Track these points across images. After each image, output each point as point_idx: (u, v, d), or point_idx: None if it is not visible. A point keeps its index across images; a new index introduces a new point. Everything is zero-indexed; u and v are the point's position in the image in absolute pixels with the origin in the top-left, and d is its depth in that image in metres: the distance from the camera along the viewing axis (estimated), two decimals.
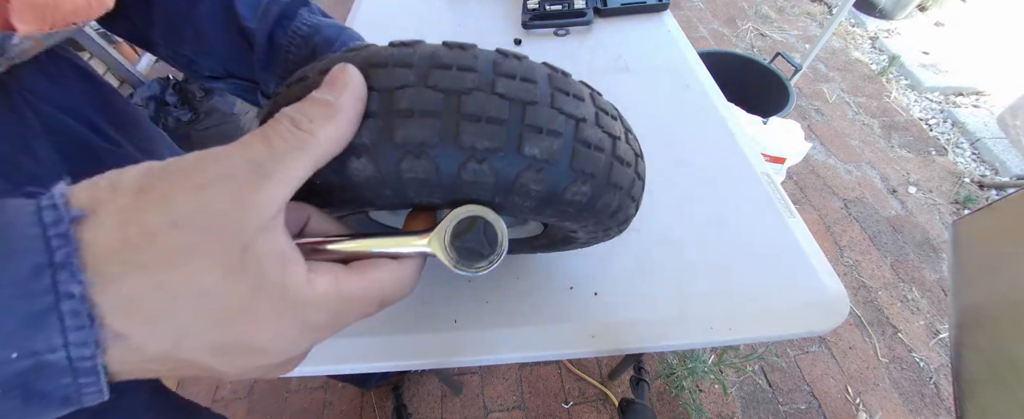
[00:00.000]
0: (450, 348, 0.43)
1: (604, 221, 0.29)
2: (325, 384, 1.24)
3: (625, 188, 0.27)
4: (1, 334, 0.13)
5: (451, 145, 0.21)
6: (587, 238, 0.35)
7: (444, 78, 0.21)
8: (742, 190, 0.54)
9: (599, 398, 1.18)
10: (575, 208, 0.25)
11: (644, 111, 0.65)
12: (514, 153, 0.22)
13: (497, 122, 0.21)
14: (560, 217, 0.26)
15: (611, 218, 0.29)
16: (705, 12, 2.52)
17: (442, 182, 0.22)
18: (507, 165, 0.22)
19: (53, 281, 0.14)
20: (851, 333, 1.28)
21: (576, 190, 0.24)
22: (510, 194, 0.23)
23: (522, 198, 0.24)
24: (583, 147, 0.24)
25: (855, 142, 1.79)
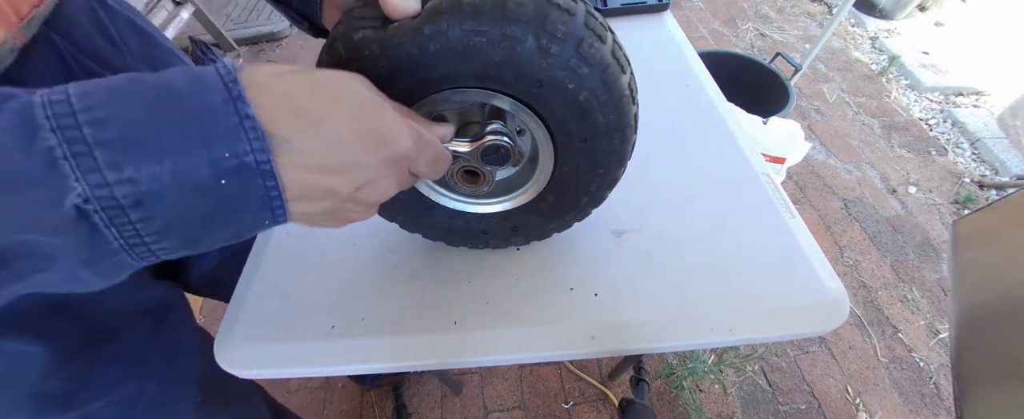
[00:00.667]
0: (450, 349, 0.43)
1: (614, 127, 0.34)
2: (325, 384, 1.24)
3: (636, 102, 0.35)
4: (216, 140, 0.20)
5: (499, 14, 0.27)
6: (589, 175, 0.38)
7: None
8: (742, 190, 0.54)
9: (599, 398, 1.18)
10: (606, 90, 0.31)
11: (644, 111, 0.65)
12: (582, 23, 0.29)
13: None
14: (589, 98, 0.31)
15: (621, 126, 0.34)
16: (705, 12, 2.52)
17: (532, 27, 0.28)
18: (577, 28, 0.29)
19: (235, 108, 0.20)
20: (851, 333, 1.28)
21: (613, 71, 0.31)
22: (570, 62, 0.29)
23: (575, 72, 0.30)
24: (616, 46, 0.32)
25: (855, 142, 1.79)
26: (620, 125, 0.34)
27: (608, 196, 0.43)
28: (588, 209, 0.44)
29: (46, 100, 0.18)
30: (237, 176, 0.21)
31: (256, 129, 0.21)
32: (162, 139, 0.19)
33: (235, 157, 0.20)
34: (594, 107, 0.32)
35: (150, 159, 0.19)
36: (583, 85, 0.30)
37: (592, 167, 0.37)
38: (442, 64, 0.29)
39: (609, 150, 0.36)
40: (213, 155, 0.20)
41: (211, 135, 0.20)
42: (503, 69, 0.29)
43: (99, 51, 0.41)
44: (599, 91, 0.31)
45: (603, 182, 0.40)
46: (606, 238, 0.50)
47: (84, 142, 0.18)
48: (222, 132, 0.20)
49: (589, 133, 0.34)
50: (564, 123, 0.33)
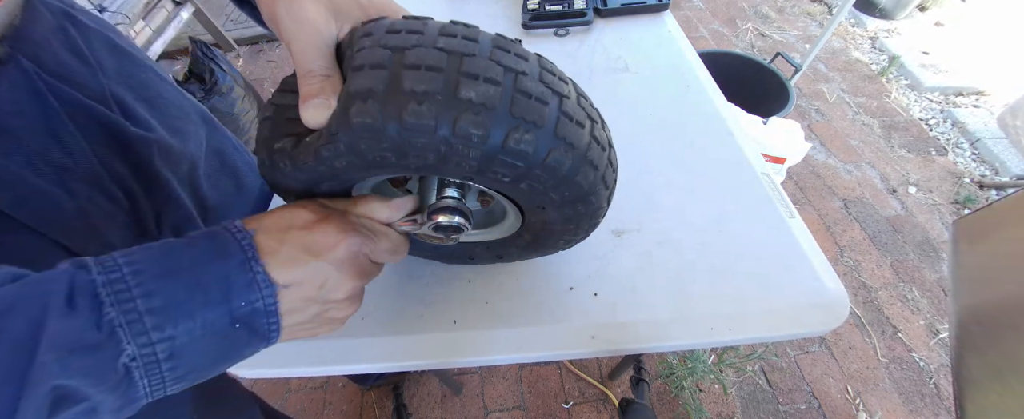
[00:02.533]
0: (450, 348, 0.43)
1: (575, 198, 0.31)
2: (325, 384, 1.24)
3: (598, 167, 0.30)
4: (236, 292, 0.25)
5: (450, 97, 0.23)
6: (563, 227, 0.36)
7: (448, 43, 0.25)
8: (742, 190, 0.54)
9: (599, 398, 1.18)
10: (550, 175, 0.28)
11: (644, 111, 0.65)
12: (506, 112, 0.24)
13: (494, 83, 0.24)
14: (533, 184, 0.28)
15: (583, 196, 0.31)
16: (705, 12, 2.52)
17: (437, 136, 0.24)
18: (498, 123, 0.24)
19: (250, 266, 0.26)
20: (851, 333, 1.28)
21: (556, 155, 0.26)
22: (496, 158, 0.25)
23: (506, 164, 0.26)
24: (564, 117, 0.26)
25: (855, 142, 1.79)
26: (585, 193, 0.30)
27: (591, 233, 0.40)
28: (571, 245, 0.42)
29: (104, 279, 0.23)
30: (249, 319, 0.26)
31: (267, 281, 0.26)
32: (194, 300, 0.24)
33: (249, 305, 0.26)
34: (547, 188, 0.29)
35: (186, 318, 0.24)
36: (524, 174, 0.27)
37: (564, 222, 0.35)
38: (356, 171, 0.28)
39: (580, 212, 0.33)
40: (232, 306, 0.25)
41: (231, 291, 0.25)
42: (425, 169, 0.27)
43: (71, 72, 0.40)
44: (546, 176, 0.27)
45: (579, 231, 0.37)
46: (606, 238, 0.50)
47: (136, 311, 0.23)
48: (239, 288, 0.25)
49: (551, 203, 0.31)
50: (520, 198, 0.32)
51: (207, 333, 0.25)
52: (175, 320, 0.23)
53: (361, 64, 0.24)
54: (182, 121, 0.51)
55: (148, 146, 0.44)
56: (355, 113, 0.23)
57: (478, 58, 0.24)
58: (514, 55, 0.26)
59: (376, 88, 0.23)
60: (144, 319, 0.23)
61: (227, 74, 1.65)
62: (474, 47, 0.25)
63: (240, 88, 1.70)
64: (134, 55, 0.49)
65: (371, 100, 0.23)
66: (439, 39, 0.25)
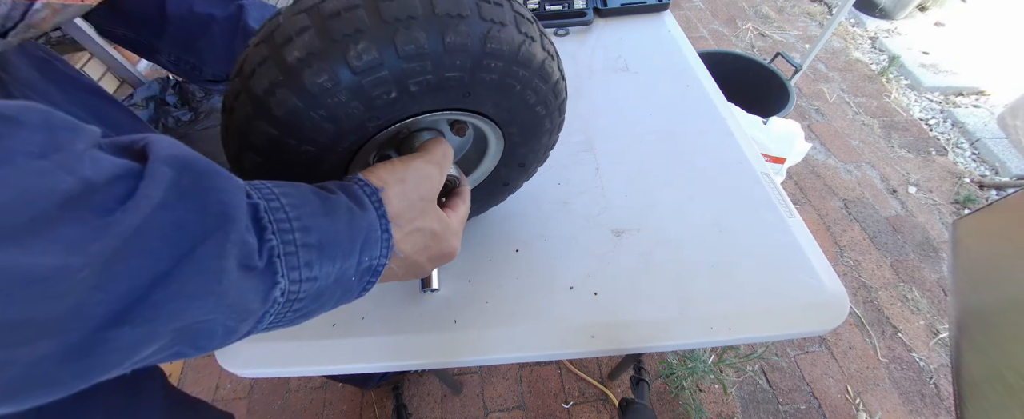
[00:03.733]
0: (450, 348, 0.43)
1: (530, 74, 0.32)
2: (325, 384, 1.24)
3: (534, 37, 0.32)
4: (366, 249, 0.25)
5: (379, 24, 0.25)
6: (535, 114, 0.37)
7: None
8: (742, 190, 0.54)
9: (599, 398, 1.18)
10: (497, 58, 0.30)
11: (644, 111, 0.65)
12: (430, 15, 0.26)
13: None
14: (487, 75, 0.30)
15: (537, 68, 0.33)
16: (705, 12, 2.52)
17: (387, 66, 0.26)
18: (430, 27, 0.26)
19: (381, 225, 0.26)
20: (851, 333, 1.28)
21: (493, 35, 0.28)
22: (444, 62, 0.28)
23: (455, 65, 0.28)
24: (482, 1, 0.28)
25: (855, 142, 1.79)
26: (537, 63, 0.32)
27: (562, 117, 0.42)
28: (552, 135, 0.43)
29: (266, 205, 0.20)
30: (365, 274, 0.26)
31: (389, 244, 0.27)
32: (339, 246, 0.23)
33: (370, 260, 0.26)
34: (504, 74, 0.31)
35: (329, 262, 0.23)
36: (475, 66, 0.29)
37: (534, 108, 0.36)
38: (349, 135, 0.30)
39: (541, 89, 0.35)
40: (361, 259, 0.25)
41: (366, 245, 0.25)
42: (392, 109, 0.29)
43: (32, 89, 0.40)
44: (494, 62, 0.30)
45: (548, 111, 0.38)
46: (606, 238, 0.50)
47: (294, 244, 0.21)
48: (372, 243, 0.26)
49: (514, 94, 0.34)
50: (490, 106, 0.34)
51: (337, 280, 0.24)
52: (322, 261, 0.22)
53: (288, 35, 0.25)
54: None
55: None
56: (307, 77, 0.25)
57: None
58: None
59: (314, 47, 0.25)
60: (300, 253, 0.21)
61: None
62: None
63: None
64: (76, 78, 0.49)
65: (315, 61, 0.25)
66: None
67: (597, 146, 0.61)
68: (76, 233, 0.14)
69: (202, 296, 0.17)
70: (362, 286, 0.27)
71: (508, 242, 0.51)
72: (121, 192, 0.16)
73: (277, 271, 0.20)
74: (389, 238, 0.27)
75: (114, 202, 0.15)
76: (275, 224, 0.20)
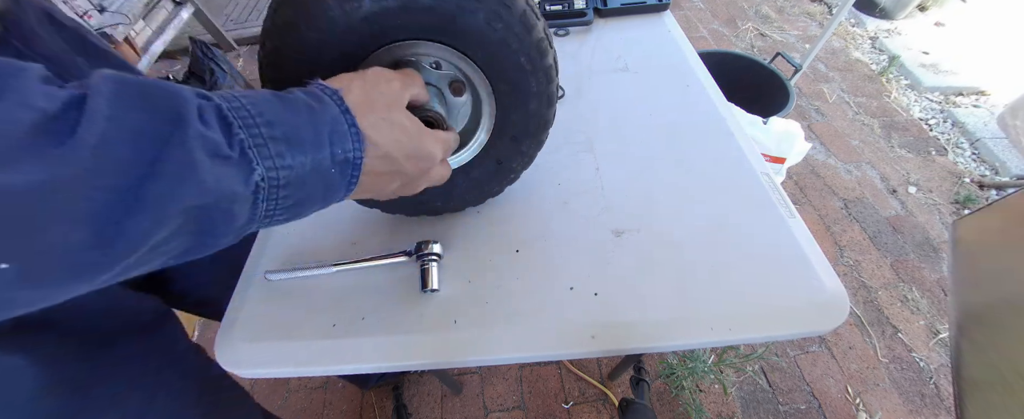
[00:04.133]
0: (450, 348, 0.43)
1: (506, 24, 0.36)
2: (325, 384, 1.24)
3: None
4: (336, 141, 0.27)
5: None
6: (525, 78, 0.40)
7: None
8: (742, 190, 0.54)
9: (599, 398, 1.18)
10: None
11: (644, 111, 0.65)
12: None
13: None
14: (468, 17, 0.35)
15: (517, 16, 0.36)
16: (705, 12, 2.52)
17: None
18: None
19: (345, 119, 0.28)
20: (851, 333, 1.28)
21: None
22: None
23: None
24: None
25: (855, 142, 1.79)
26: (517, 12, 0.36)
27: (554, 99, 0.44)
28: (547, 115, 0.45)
29: (228, 106, 0.24)
30: (342, 166, 0.28)
31: (359, 136, 0.29)
32: (305, 138, 0.26)
33: (343, 152, 0.28)
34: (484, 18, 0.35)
35: (300, 152, 0.26)
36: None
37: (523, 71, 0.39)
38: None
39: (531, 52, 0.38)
40: (334, 151, 0.27)
41: (334, 137, 0.27)
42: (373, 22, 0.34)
43: (56, 58, 0.42)
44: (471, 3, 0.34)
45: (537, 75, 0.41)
46: (606, 238, 0.50)
47: (262, 137, 0.24)
48: (340, 135, 0.28)
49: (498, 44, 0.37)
50: (473, 48, 0.37)
51: (314, 169, 0.26)
52: (293, 151, 0.25)
53: None
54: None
55: None
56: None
57: None
58: None
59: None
60: (269, 145, 0.24)
61: (227, 74, 1.65)
62: None
63: (240, 88, 1.70)
64: (108, 51, 0.51)
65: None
66: None
67: (597, 146, 0.61)
68: (53, 153, 0.18)
69: (185, 184, 0.21)
70: (346, 180, 0.29)
71: (508, 242, 0.51)
72: (75, 115, 0.19)
73: (251, 160, 0.23)
74: (357, 131, 0.28)
75: (72, 123, 0.18)
76: (240, 120, 0.23)
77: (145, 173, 0.20)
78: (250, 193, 0.24)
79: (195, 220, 0.22)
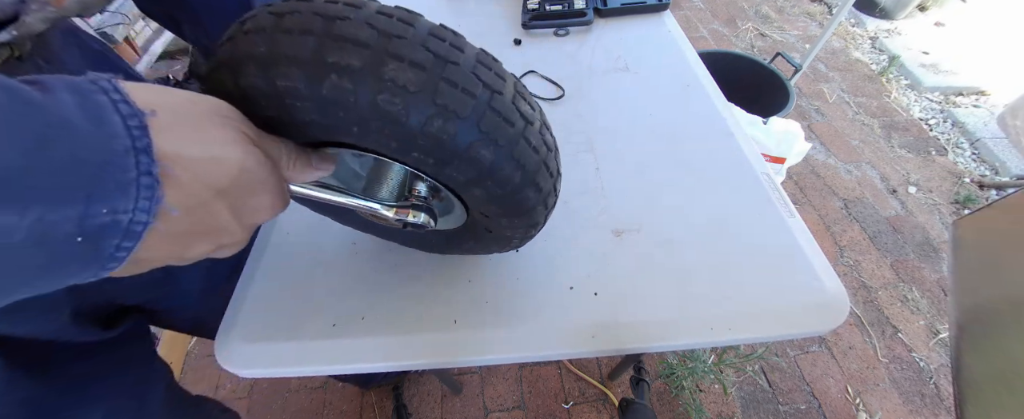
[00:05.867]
0: (450, 348, 0.43)
1: (504, 195, 0.31)
2: (325, 384, 1.24)
3: (527, 167, 0.30)
4: (101, 193, 0.16)
5: (371, 76, 0.23)
6: (502, 224, 0.36)
7: (380, 22, 0.24)
8: (742, 190, 0.54)
9: (599, 398, 1.18)
10: (474, 166, 0.28)
11: (644, 111, 0.65)
12: (429, 98, 0.24)
13: (420, 68, 0.24)
14: (456, 173, 0.29)
15: (513, 192, 0.31)
16: (705, 12, 2.52)
17: (359, 107, 0.24)
18: (419, 107, 0.24)
19: (136, 161, 0.17)
20: (851, 333, 1.28)
21: (477, 148, 0.27)
22: (417, 140, 0.26)
23: (427, 147, 0.26)
24: (491, 112, 0.27)
25: (855, 142, 1.79)
26: (515, 188, 0.30)
27: (534, 235, 0.40)
28: (527, 239, 0.41)
29: None
30: (99, 235, 0.17)
31: (153, 189, 0.17)
32: (35, 186, 0.15)
33: (111, 214, 0.17)
34: (471, 180, 0.29)
35: (10, 208, 0.14)
36: (446, 161, 0.27)
37: (508, 216, 0.34)
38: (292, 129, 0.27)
39: (516, 211, 0.33)
40: (90, 210, 0.16)
41: (98, 186, 0.16)
42: (349, 135, 0.27)
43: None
44: (468, 168, 0.28)
45: (517, 229, 0.37)
46: (606, 238, 0.50)
47: None
48: (112, 184, 0.16)
49: (483, 197, 0.31)
50: (453, 186, 0.31)
51: (31, 241, 0.15)
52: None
53: (290, 28, 0.24)
54: None
55: None
56: (279, 77, 0.23)
57: (407, 40, 0.24)
58: (450, 45, 0.26)
59: (302, 55, 0.23)
60: None
61: None
62: (407, 30, 0.25)
63: None
64: (131, 73, 0.51)
65: (294, 66, 0.23)
66: (374, 16, 0.24)
67: (597, 146, 0.61)
68: None
69: None
70: (106, 252, 0.18)
71: None
72: None
73: None
74: (155, 181, 0.17)
75: None
76: None
77: None
78: None
79: None
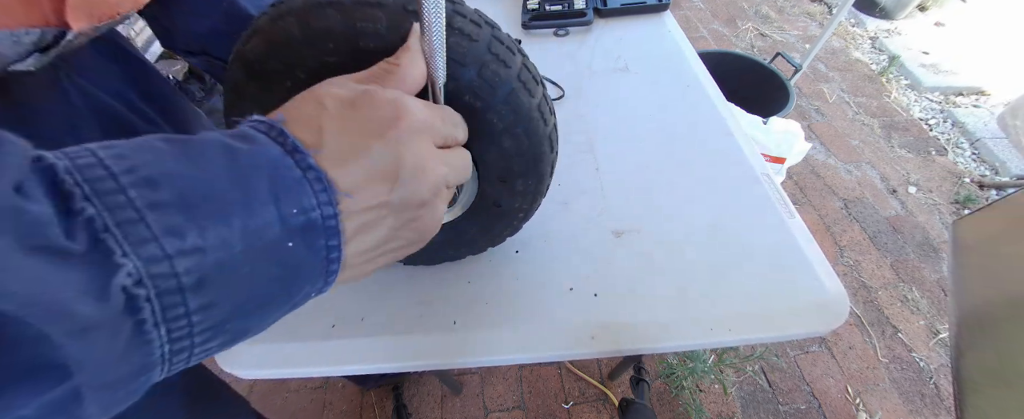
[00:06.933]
0: (450, 349, 0.43)
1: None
2: (325, 384, 1.24)
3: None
4: (284, 189, 0.17)
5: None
6: (515, 191, 0.38)
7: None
8: (742, 190, 0.54)
9: (599, 398, 1.18)
10: (514, 111, 0.32)
11: (644, 111, 0.65)
12: (485, 47, 0.30)
13: (476, 25, 0.30)
14: (501, 119, 0.32)
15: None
16: (705, 12, 2.52)
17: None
18: (475, 55, 0.30)
19: (294, 160, 0.18)
20: (851, 333, 1.28)
21: (517, 93, 0.31)
22: (473, 83, 0.30)
23: (480, 90, 0.30)
24: (525, 69, 0.32)
25: (855, 142, 1.79)
26: (544, 135, 0.35)
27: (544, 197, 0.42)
28: (529, 215, 0.43)
29: (70, 164, 0.14)
30: (305, 235, 0.18)
31: (321, 180, 0.18)
32: (222, 196, 0.16)
33: (303, 213, 0.18)
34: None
35: (217, 220, 0.15)
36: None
37: (524, 175, 0.37)
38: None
39: (540, 158, 0.36)
40: (283, 211, 0.17)
41: (279, 188, 0.17)
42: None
43: (90, 71, 0.41)
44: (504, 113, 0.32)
45: (536, 191, 0.39)
46: (606, 238, 0.50)
47: (132, 207, 0.14)
48: (288, 185, 0.17)
49: (519, 147, 0.34)
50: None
51: (252, 246, 0.16)
52: (200, 221, 0.15)
53: None
54: (182, 115, 0.53)
55: None
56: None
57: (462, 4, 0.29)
58: (487, 23, 0.31)
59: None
60: (147, 217, 0.14)
61: None
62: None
63: None
64: (134, 57, 0.51)
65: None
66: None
67: (597, 146, 0.61)
68: None
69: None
70: (321, 255, 0.19)
71: (508, 242, 0.51)
72: None
73: (113, 250, 0.14)
74: (318, 173, 0.18)
75: None
76: (89, 184, 0.14)
77: None
78: (115, 314, 0.13)
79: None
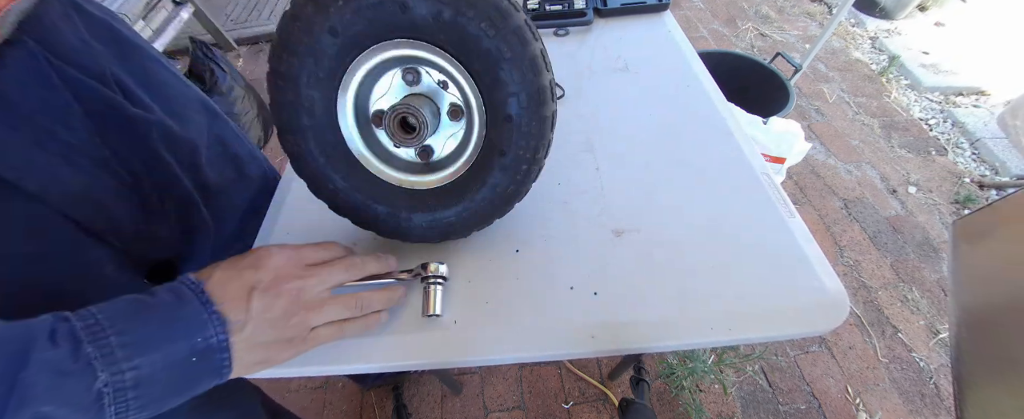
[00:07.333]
0: (450, 348, 0.43)
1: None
2: (325, 384, 1.24)
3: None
4: (194, 329, 0.31)
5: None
6: (523, 135, 0.40)
7: None
8: (742, 190, 0.54)
9: (599, 398, 1.18)
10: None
11: (644, 111, 0.65)
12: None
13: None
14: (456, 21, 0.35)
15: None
16: (705, 12, 2.52)
17: None
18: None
19: (205, 308, 0.31)
20: (851, 333, 1.28)
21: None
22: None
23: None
24: None
25: (855, 142, 1.79)
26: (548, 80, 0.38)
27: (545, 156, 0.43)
28: (533, 172, 0.44)
29: (82, 325, 0.27)
30: (206, 354, 0.30)
31: (219, 319, 0.31)
32: (154, 336, 0.29)
33: (205, 340, 0.30)
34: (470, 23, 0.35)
35: (148, 350, 0.28)
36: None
37: (534, 113, 0.39)
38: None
39: (548, 100, 0.39)
40: (192, 342, 0.30)
41: (190, 328, 0.30)
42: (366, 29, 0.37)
43: (75, 55, 0.41)
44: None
45: (541, 142, 0.41)
46: (606, 238, 0.50)
47: (109, 346, 0.27)
48: (198, 325, 0.30)
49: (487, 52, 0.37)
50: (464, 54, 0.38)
51: (168, 365, 0.29)
52: (142, 351, 0.28)
53: None
54: (183, 108, 0.53)
55: (148, 127, 0.46)
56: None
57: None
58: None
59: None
60: (116, 352, 0.27)
61: (227, 74, 1.65)
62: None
63: (240, 88, 1.70)
64: (136, 43, 0.50)
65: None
66: None
67: (597, 146, 0.61)
68: None
69: (26, 404, 0.25)
70: (216, 365, 0.31)
71: (508, 242, 0.51)
72: None
73: (96, 369, 0.26)
74: (218, 316, 0.31)
75: None
76: (90, 336, 0.27)
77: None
78: (91, 401, 0.26)
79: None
